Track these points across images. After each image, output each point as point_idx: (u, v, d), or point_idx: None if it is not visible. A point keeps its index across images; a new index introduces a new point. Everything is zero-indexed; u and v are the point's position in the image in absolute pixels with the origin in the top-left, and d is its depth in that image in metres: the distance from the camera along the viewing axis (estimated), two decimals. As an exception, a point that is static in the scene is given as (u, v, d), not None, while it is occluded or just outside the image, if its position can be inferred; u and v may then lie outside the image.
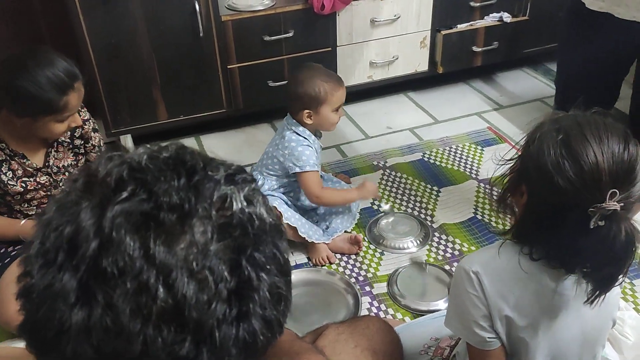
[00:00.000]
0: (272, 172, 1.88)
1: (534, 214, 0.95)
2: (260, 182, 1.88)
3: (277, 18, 2.33)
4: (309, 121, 1.82)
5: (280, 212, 1.80)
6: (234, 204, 0.48)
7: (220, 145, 2.48)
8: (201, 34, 2.22)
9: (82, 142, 1.75)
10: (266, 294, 0.49)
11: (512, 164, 1.02)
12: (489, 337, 1.01)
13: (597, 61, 1.60)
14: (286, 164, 1.82)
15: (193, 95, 2.38)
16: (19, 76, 1.42)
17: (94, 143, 1.78)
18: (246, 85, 2.41)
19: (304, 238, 1.82)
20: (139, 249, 0.44)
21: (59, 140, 1.68)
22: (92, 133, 1.76)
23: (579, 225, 0.85)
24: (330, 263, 1.85)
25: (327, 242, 1.86)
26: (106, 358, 0.45)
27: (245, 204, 0.49)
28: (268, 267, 0.49)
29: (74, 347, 0.44)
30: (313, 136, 1.86)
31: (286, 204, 1.86)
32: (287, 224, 1.80)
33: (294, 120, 1.84)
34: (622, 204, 0.85)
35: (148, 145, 0.52)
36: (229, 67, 2.36)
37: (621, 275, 0.89)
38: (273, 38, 2.34)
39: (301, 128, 1.83)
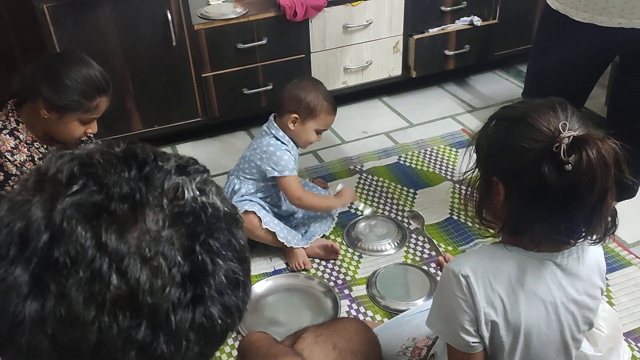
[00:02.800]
0: (249, 177, 1.88)
1: (516, 198, 0.94)
2: (237, 187, 1.88)
3: (250, 26, 2.34)
4: (291, 126, 1.82)
5: (259, 217, 1.80)
6: (186, 193, 0.49)
7: (196, 155, 2.40)
8: (174, 43, 2.22)
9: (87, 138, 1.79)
10: (222, 279, 0.49)
11: (471, 173, 1.03)
12: (473, 342, 1.00)
13: (572, 65, 1.60)
14: (264, 167, 1.82)
15: (167, 105, 2.37)
16: (64, 69, 1.52)
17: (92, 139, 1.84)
18: (221, 93, 2.42)
19: (283, 243, 1.82)
20: (90, 238, 0.44)
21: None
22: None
23: (558, 175, 0.85)
24: (306, 269, 1.85)
25: (305, 247, 1.87)
26: (62, 348, 0.45)
27: (197, 193, 0.50)
28: (223, 253, 0.50)
29: (29, 339, 0.45)
30: (292, 143, 1.86)
31: (264, 209, 1.86)
32: (267, 229, 1.80)
33: (276, 125, 1.84)
34: (577, 133, 0.87)
35: (99, 142, 0.52)
36: (203, 75, 2.36)
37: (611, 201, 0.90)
38: (247, 46, 2.35)
39: (281, 133, 1.84)
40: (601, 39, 1.48)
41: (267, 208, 1.89)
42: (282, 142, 1.83)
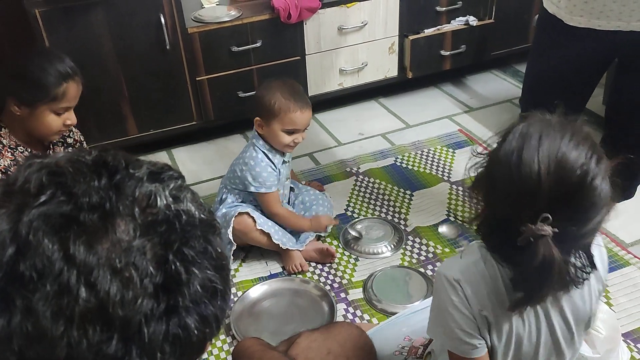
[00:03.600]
0: (234, 187, 1.87)
1: (486, 212, 0.94)
2: (224, 196, 1.87)
3: (244, 28, 2.32)
4: (259, 130, 1.80)
5: (253, 217, 1.79)
6: (159, 200, 0.48)
7: (192, 158, 2.46)
8: (168, 47, 2.21)
9: (75, 142, 1.77)
10: (198, 288, 0.48)
11: (481, 160, 0.98)
12: (478, 343, 0.98)
13: (570, 69, 1.58)
14: (243, 179, 1.82)
15: (162, 109, 2.36)
16: (27, 63, 1.56)
17: (84, 144, 1.84)
18: (216, 96, 2.41)
19: (278, 245, 1.81)
20: (57, 251, 0.43)
21: (55, 143, 1.70)
22: (80, 135, 1.81)
23: (511, 235, 0.83)
24: (303, 271, 1.84)
25: (300, 250, 1.85)
26: None
27: (171, 200, 0.49)
28: (199, 261, 0.49)
29: None
30: (274, 151, 1.82)
31: (257, 211, 1.85)
32: (261, 230, 1.79)
33: (256, 133, 1.83)
34: (555, 230, 0.79)
35: (70, 150, 0.51)
36: (197, 79, 2.35)
37: (545, 295, 0.87)
38: (241, 49, 2.34)
39: (261, 142, 1.81)
40: (599, 42, 1.46)
41: (259, 212, 1.87)
42: (263, 154, 1.80)
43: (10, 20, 2.29)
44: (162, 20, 2.15)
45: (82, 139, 1.83)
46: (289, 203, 2.00)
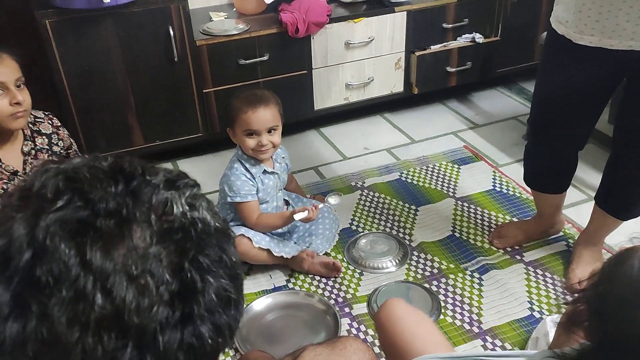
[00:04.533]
0: (222, 201, 1.89)
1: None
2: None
3: (252, 42, 2.34)
4: (234, 140, 1.85)
5: (248, 237, 1.79)
6: (175, 208, 0.48)
7: (197, 170, 2.46)
8: (176, 59, 2.22)
9: (62, 149, 1.76)
10: (213, 297, 0.48)
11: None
12: None
13: (580, 91, 1.56)
14: (222, 191, 1.85)
15: (169, 120, 2.37)
16: None
17: (75, 149, 1.81)
18: (222, 109, 2.41)
19: (281, 258, 1.80)
20: (74, 256, 0.43)
21: (37, 147, 1.69)
22: (71, 140, 1.79)
23: None
24: (337, 268, 1.84)
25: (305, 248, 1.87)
26: None
27: (187, 208, 0.49)
28: (214, 270, 0.48)
29: None
30: (253, 161, 1.83)
31: (252, 230, 1.84)
32: (259, 247, 1.80)
33: (240, 153, 1.86)
34: None
35: (86, 156, 0.51)
36: (204, 91, 2.36)
37: None
38: (248, 62, 2.36)
39: (240, 152, 1.85)
40: (610, 61, 1.45)
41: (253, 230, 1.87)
42: (241, 162, 1.82)
43: (21, 31, 2.32)
44: (171, 32, 2.17)
45: (73, 143, 1.80)
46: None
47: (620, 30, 1.38)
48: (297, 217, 1.79)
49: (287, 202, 2.03)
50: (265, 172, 1.85)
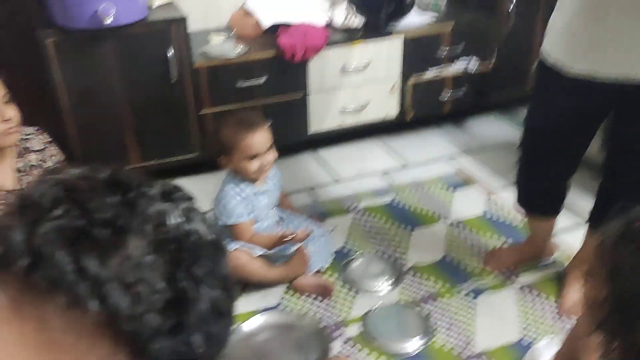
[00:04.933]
0: (219, 224, 1.88)
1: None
2: None
3: (250, 65, 2.37)
4: (227, 168, 1.84)
5: (245, 250, 1.79)
6: (170, 219, 0.49)
7: (193, 190, 2.38)
8: (174, 80, 2.25)
9: (55, 164, 1.76)
10: (205, 307, 0.49)
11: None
12: None
13: (569, 121, 1.58)
14: (216, 215, 1.85)
15: (166, 140, 2.39)
16: None
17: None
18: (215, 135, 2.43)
19: (279, 273, 1.85)
20: (70, 263, 0.43)
21: (30, 163, 1.69)
22: (62, 155, 1.79)
23: None
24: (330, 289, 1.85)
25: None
26: None
27: (181, 220, 0.50)
28: (207, 280, 0.49)
29: None
30: (246, 182, 1.84)
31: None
32: (260, 256, 1.82)
33: (231, 175, 1.87)
34: None
35: (84, 167, 0.52)
36: (202, 112, 2.38)
37: None
38: (246, 84, 2.39)
39: (231, 174, 1.85)
40: (599, 92, 1.47)
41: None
42: (232, 185, 1.83)
43: (23, 50, 2.34)
44: (171, 54, 2.20)
45: (64, 158, 1.80)
46: None
47: (610, 60, 1.40)
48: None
49: (281, 219, 2.04)
50: (256, 193, 1.87)
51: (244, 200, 1.82)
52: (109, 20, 2.01)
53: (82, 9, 1.99)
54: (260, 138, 1.79)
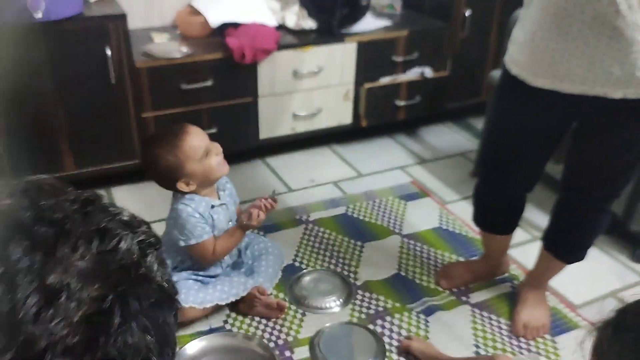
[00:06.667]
0: (170, 247, 1.73)
1: None
2: (168, 262, 1.74)
3: (196, 66, 2.24)
4: (192, 187, 1.66)
5: (195, 306, 1.68)
6: (122, 243, 0.46)
7: (132, 198, 2.32)
8: (113, 81, 2.10)
9: None
10: (127, 343, 0.43)
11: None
12: None
13: (533, 133, 1.55)
14: (173, 237, 1.69)
15: (103, 145, 2.23)
16: None
17: None
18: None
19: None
20: None
21: None
22: None
23: None
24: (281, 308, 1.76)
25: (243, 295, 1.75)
26: None
27: (135, 249, 0.47)
28: (141, 320, 0.44)
29: None
30: (207, 198, 1.70)
31: (193, 288, 1.72)
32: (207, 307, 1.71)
33: (179, 196, 1.69)
34: None
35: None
36: (143, 115, 2.23)
37: None
38: (191, 87, 2.25)
39: (188, 196, 1.68)
40: (562, 105, 1.44)
41: (198, 278, 1.75)
42: (184, 204, 1.66)
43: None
44: (108, 52, 2.04)
45: None
46: (239, 254, 1.89)
47: (572, 75, 1.37)
48: (250, 221, 1.72)
49: None
50: (212, 206, 1.73)
51: (201, 219, 1.68)
52: (39, 15, 1.84)
53: (9, 2, 1.82)
54: (197, 132, 1.65)
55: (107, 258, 0.45)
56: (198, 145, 1.63)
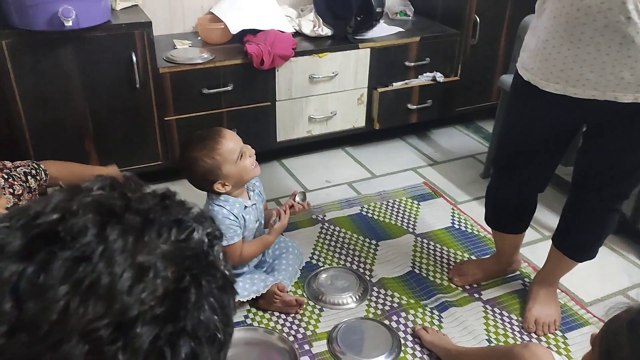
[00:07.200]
0: None
1: None
2: None
3: (216, 71, 2.32)
4: (228, 188, 1.73)
5: None
6: (195, 234, 0.52)
7: None
8: (137, 85, 2.18)
9: (37, 181, 1.73)
10: (200, 320, 0.50)
11: None
12: None
13: (545, 137, 1.60)
14: None
15: (128, 147, 2.31)
16: None
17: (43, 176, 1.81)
18: (184, 137, 2.37)
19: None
20: (94, 226, 0.47)
21: (24, 185, 1.65)
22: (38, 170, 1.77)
23: None
24: (299, 304, 1.83)
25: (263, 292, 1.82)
26: (22, 319, 0.45)
27: (205, 240, 0.53)
28: (210, 300, 0.51)
29: None
30: (239, 199, 1.78)
31: None
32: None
33: (212, 196, 1.76)
34: None
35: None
36: (166, 119, 2.32)
37: None
38: (212, 91, 2.33)
39: (222, 197, 1.75)
40: (573, 109, 1.49)
41: None
42: (220, 206, 1.73)
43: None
44: (134, 58, 2.13)
45: (45, 177, 1.78)
46: (262, 253, 1.96)
47: (584, 80, 1.42)
48: (273, 221, 1.84)
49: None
50: (245, 207, 1.79)
51: (235, 221, 1.75)
52: (69, 23, 1.93)
53: (41, 11, 1.90)
54: (232, 135, 1.73)
55: (182, 245, 0.51)
56: (234, 148, 1.70)
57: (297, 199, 1.94)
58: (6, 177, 1.70)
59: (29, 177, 1.77)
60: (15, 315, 0.45)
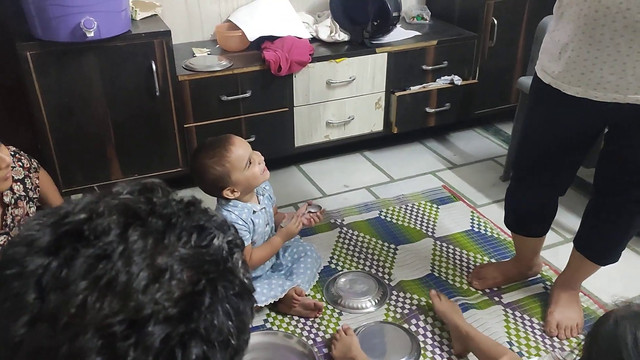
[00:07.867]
0: None
1: None
2: None
3: (235, 79, 2.35)
4: (237, 194, 1.75)
5: None
6: (215, 240, 0.54)
7: None
8: (157, 93, 2.22)
9: (37, 192, 1.70)
10: (214, 324, 0.51)
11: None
12: None
13: (567, 140, 1.59)
14: None
15: (148, 154, 2.35)
16: None
17: None
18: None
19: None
20: (117, 227, 0.50)
21: (16, 194, 1.62)
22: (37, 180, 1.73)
23: None
24: (319, 309, 1.84)
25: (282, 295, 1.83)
26: (46, 306, 0.47)
27: (225, 247, 0.55)
28: (225, 305, 0.52)
29: (20, 285, 0.48)
30: (248, 204, 1.80)
31: None
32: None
33: (222, 202, 1.79)
34: None
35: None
36: (185, 126, 2.35)
37: None
38: (230, 98, 2.36)
39: (232, 202, 1.77)
40: (594, 112, 1.48)
41: None
42: (229, 211, 1.75)
43: (1, 63, 2.29)
44: (154, 66, 2.17)
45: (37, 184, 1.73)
46: (277, 256, 1.97)
47: (605, 83, 1.41)
48: (283, 224, 1.86)
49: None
50: (254, 211, 1.81)
51: (244, 226, 1.77)
52: (91, 34, 1.97)
53: (64, 22, 1.95)
54: (241, 143, 1.75)
55: (202, 250, 0.53)
56: (242, 155, 1.73)
57: (312, 210, 1.95)
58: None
59: (23, 159, 1.71)
60: (38, 306, 0.47)
